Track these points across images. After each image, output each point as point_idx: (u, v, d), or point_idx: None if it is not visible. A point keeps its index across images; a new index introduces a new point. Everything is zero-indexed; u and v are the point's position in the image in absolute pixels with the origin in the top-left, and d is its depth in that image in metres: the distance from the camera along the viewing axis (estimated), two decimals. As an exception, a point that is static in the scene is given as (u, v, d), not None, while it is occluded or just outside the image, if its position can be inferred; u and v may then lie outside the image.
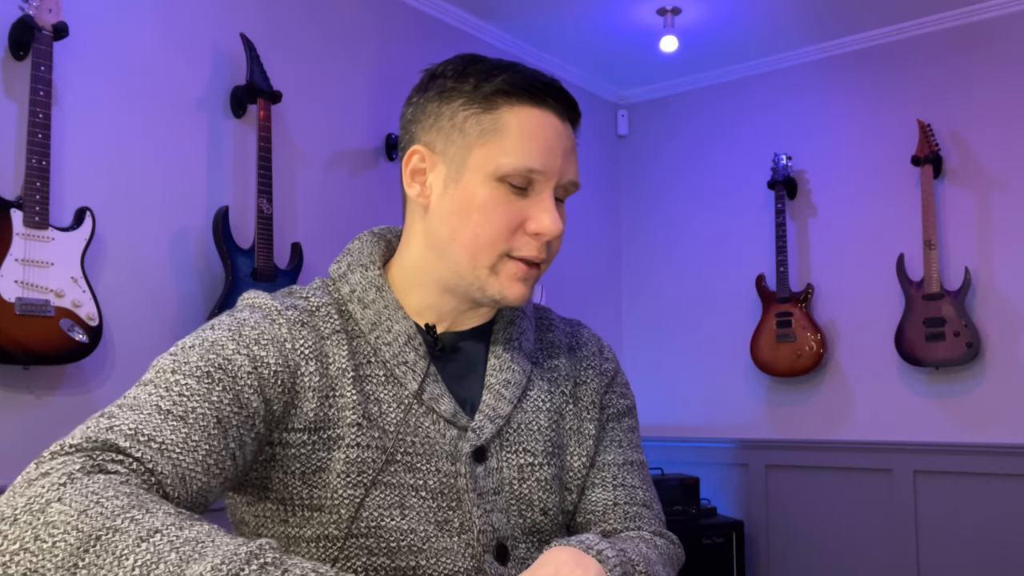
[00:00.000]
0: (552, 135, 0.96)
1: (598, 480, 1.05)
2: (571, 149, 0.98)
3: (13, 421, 2.08)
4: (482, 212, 0.94)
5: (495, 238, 0.95)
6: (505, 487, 0.97)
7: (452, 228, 0.96)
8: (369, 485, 0.90)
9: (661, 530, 1.04)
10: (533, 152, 0.94)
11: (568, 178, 0.98)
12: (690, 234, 4.09)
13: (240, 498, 0.94)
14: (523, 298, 0.98)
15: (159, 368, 0.85)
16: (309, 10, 2.88)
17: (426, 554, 0.91)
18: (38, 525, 0.67)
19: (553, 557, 0.82)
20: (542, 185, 0.95)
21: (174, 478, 0.77)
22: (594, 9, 3.43)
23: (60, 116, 2.19)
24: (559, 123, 0.97)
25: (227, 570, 0.63)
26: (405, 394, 0.95)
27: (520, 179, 0.94)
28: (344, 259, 1.04)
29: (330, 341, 0.94)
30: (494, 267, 0.96)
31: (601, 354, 1.12)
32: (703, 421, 3.95)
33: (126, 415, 0.78)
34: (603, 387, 1.09)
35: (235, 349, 0.87)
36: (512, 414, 1.00)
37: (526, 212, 0.95)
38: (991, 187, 3.36)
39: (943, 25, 3.49)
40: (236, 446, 0.83)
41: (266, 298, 0.96)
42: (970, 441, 3.30)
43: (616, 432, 1.09)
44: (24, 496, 0.70)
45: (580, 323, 1.17)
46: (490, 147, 0.94)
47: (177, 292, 2.44)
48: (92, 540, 0.66)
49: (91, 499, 0.68)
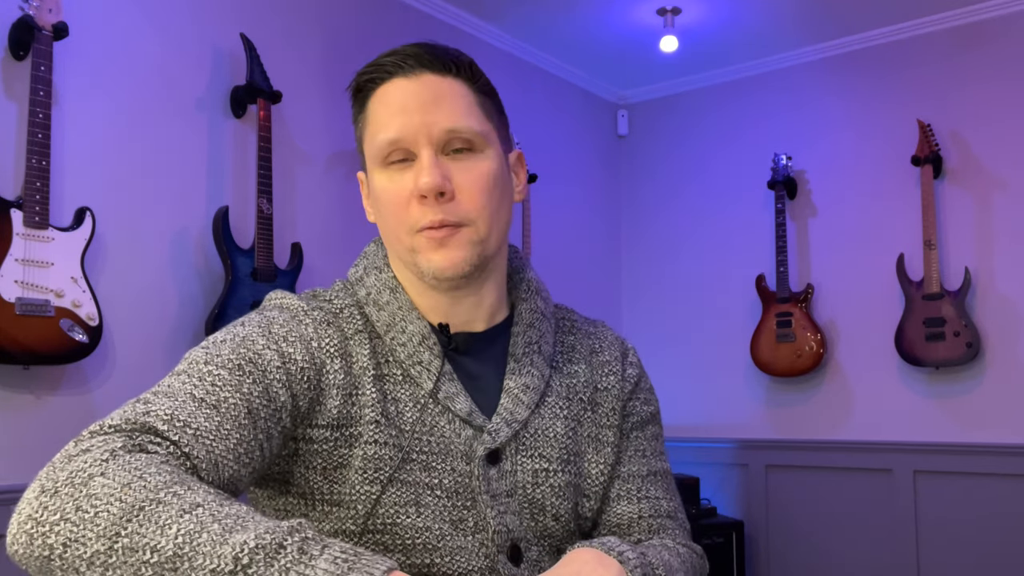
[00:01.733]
0: (404, 97, 0.94)
1: (623, 492, 1.04)
2: (434, 99, 0.93)
3: (13, 421, 2.08)
4: (381, 200, 0.97)
5: (395, 217, 0.95)
6: (519, 490, 0.97)
7: (382, 228, 1.00)
8: (386, 482, 0.91)
9: (686, 541, 1.04)
10: (388, 123, 0.94)
11: (441, 126, 0.93)
12: (690, 234, 4.10)
13: (262, 492, 0.95)
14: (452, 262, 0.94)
15: (192, 359, 0.87)
16: (309, 10, 2.88)
17: (440, 552, 0.92)
18: (80, 497, 0.68)
19: (576, 557, 0.83)
20: (417, 148, 0.93)
21: (208, 463, 0.78)
22: (594, 9, 3.43)
23: (60, 116, 2.19)
24: (409, 82, 0.94)
25: (270, 539, 0.65)
26: (421, 393, 0.95)
27: (395, 153, 0.94)
28: (361, 262, 1.05)
29: (353, 341, 0.95)
30: (412, 246, 0.95)
31: (624, 359, 1.10)
32: (703, 421, 3.95)
33: (161, 401, 0.80)
34: (626, 394, 1.07)
35: (265, 344, 0.89)
36: (529, 419, 1.00)
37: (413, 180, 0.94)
38: (991, 187, 3.36)
39: (942, 25, 3.49)
40: (264, 437, 0.85)
41: (293, 299, 0.98)
42: (970, 441, 3.30)
43: (640, 441, 1.07)
44: (66, 470, 0.71)
45: (604, 324, 1.14)
46: (368, 140, 0.98)
47: (177, 292, 2.44)
48: (135, 510, 0.67)
49: (134, 474, 0.70)
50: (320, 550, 0.65)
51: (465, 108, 0.95)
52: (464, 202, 0.93)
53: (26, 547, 0.68)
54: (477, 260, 0.95)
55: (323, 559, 0.64)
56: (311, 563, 0.64)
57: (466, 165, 0.94)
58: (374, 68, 0.97)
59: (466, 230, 0.94)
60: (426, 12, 3.29)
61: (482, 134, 0.95)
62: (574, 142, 4.04)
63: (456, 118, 0.93)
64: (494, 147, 0.98)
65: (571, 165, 3.99)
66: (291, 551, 0.65)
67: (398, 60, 0.95)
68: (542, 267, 3.60)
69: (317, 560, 0.64)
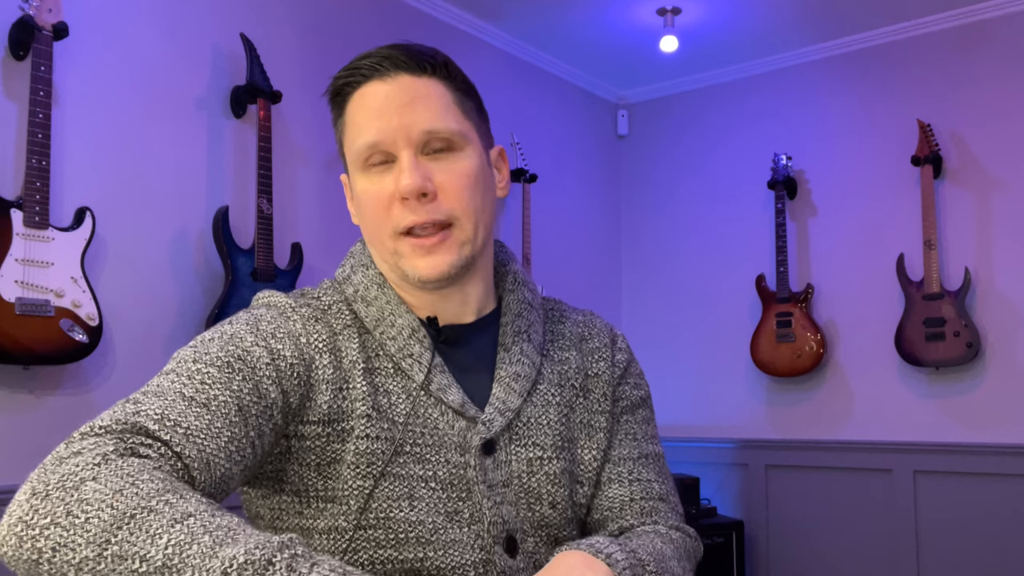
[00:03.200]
0: (379, 100, 0.94)
1: (614, 475, 1.04)
2: (411, 101, 0.93)
3: (13, 421, 2.08)
4: (363, 203, 0.97)
5: (376, 220, 0.95)
6: (514, 480, 0.97)
7: (365, 230, 1.00)
8: (378, 476, 0.91)
9: (678, 524, 1.04)
10: (367, 126, 0.94)
11: (419, 127, 0.93)
12: (690, 234, 4.10)
13: (255, 492, 0.95)
14: (438, 269, 0.94)
15: (180, 359, 0.86)
16: (309, 10, 2.88)
17: (434, 546, 0.91)
18: (71, 501, 0.68)
19: (562, 560, 0.82)
20: (396, 150, 0.93)
21: (200, 463, 0.78)
22: (594, 9, 3.43)
23: (60, 116, 2.19)
24: (385, 85, 0.94)
25: (260, 555, 0.64)
26: (412, 386, 0.95)
27: (375, 156, 0.94)
28: (347, 262, 1.05)
29: (342, 336, 0.96)
30: (396, 250, 0.95)
31: (614, 344, 1.10)
32: (703, 421, 3.95)
33: (151, 401, 0.80)
34: (616, 378, 1.08)
35: (253, 342, 0.89)
36: (522, 407, 1.00)
37: (394, 182, 0.94)
38: (991, 187, 3.36)
39: (943, 25, 3.49)
40: (255, 435, 0.85)
41: (280, 297, 0.98)
42: (970, 441, 3.31)
43: (630, 425, 1.08)
44: (57, 473, 0.70)
45: (593, 313, 1.15)
46: (348, 144, 0.97)
47: (177, 292, 2.44)
48: (126, 518, 0.66)
49: (126, 480, 0.69)
50: (309, 567, 0.65)
51: (442, 108, 0.95)
52: (446, 201, 0.94)
53: (15, 549, 0.68)
54: (463, 262, 0.96)
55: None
56: None
57: (446, 165, 0.94)
58: (350, 72, 0.96)
59: (454, 231, 0.94)
60: (426, 12, 3.29)
61: (461, 133, 0.96)
62: (574, 142, 4.04)
63: (433, 119, 0.93)
64: (474, 145, 0.98)
65: (571, 165, 3.99)
66: (280, 568, 0.64)
67: (373, 63, 0.95)
68: (542, 267, 3.60)
69: None
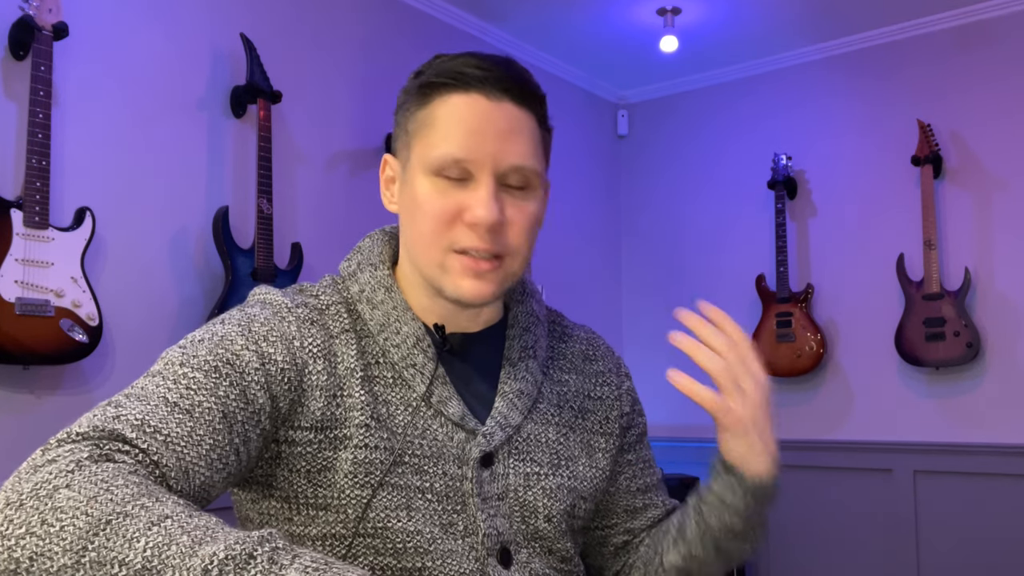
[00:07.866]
0: (480, 119, 0.91)
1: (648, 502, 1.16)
2: (509, 131, 0.92)
3: (13, 421, 2.08)
4: (422, 208, 0.93)
5: (434, 231, 0.92)
6: (510, 493, 0.97)
7: (408, 228, 0.97)
8: (376, 486, 0.90)
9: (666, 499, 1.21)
10: (457, 139, 0.91)
11: (509, 162, 0.92)
12: (690, 234, 4.09)
13: (245, 495, 0.94)
14: (481, 295, 0.93)
15: (168, 360, 0.85)
16: (309, 10, 2.88)
17: (432, 556, 0.91)
18: (45, 510, 0.67)
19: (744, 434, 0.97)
20: (478, 172, 0.91)
21: (178, 471, 0.77)
22: (594, 9, 3.43)
23: (60, 116, 2.19)
24: (489, 105, 0.91)
25: (240, 549, 0.63)
26: (413, 396, 0.95)
27: (453, 169, 0.91)
28: (354, 257, 1.03)
29: (339, 340, 0.94)
30: (443, 264, 0.93)
31: (619, 371, 1.15)
32: (703, 421, 3.92)
33: (133, 405, 0.79)
34: (628, 408, 1.13)
35: (244, 345, 0.87)
36: (522, 424, 1.00)
37: (465, 202, 0.91)
38: (991, 187, 3.36)
39: (943, 25, 3.49)
40: (240, 442, 0.83)
41: (277, 295, 0.96)
42: (970, 441, 3.30)
43: (644, 451, 1.16)
44: (30, 482, 0.69)
45: (593, 332, 1.17)
46: (424, 142, 0.93)
47: (177, 292, 2.44)
48: (102, 524, 0.65)
49: (100, 486, 0.68)
50: (291, 560, 0.64)
51: (532, 146, 0.94)
52: (510, 236, 0.94)
53: None
54: (503, 292, 0.97)
55: (293, 568, 0.63)
56: (281, 572, 0.63)
57: (519, 202, 0.94)
58: (456, 74, 0.92)
59: (505, 262, 0.94)
60: (427, 12, 3.29)
61: (539, 173, 0.96)
62: (574, 142, 4.04)
63: (524, 155, 0.93)
64: (543, 186, 0.99)
65: (571, 165, 3.99)
66: (261, 561, 0.63)
67: (483, 75, 0.92)
68: (542, 268, 3.60)
69: (287, 570, 0.63)
